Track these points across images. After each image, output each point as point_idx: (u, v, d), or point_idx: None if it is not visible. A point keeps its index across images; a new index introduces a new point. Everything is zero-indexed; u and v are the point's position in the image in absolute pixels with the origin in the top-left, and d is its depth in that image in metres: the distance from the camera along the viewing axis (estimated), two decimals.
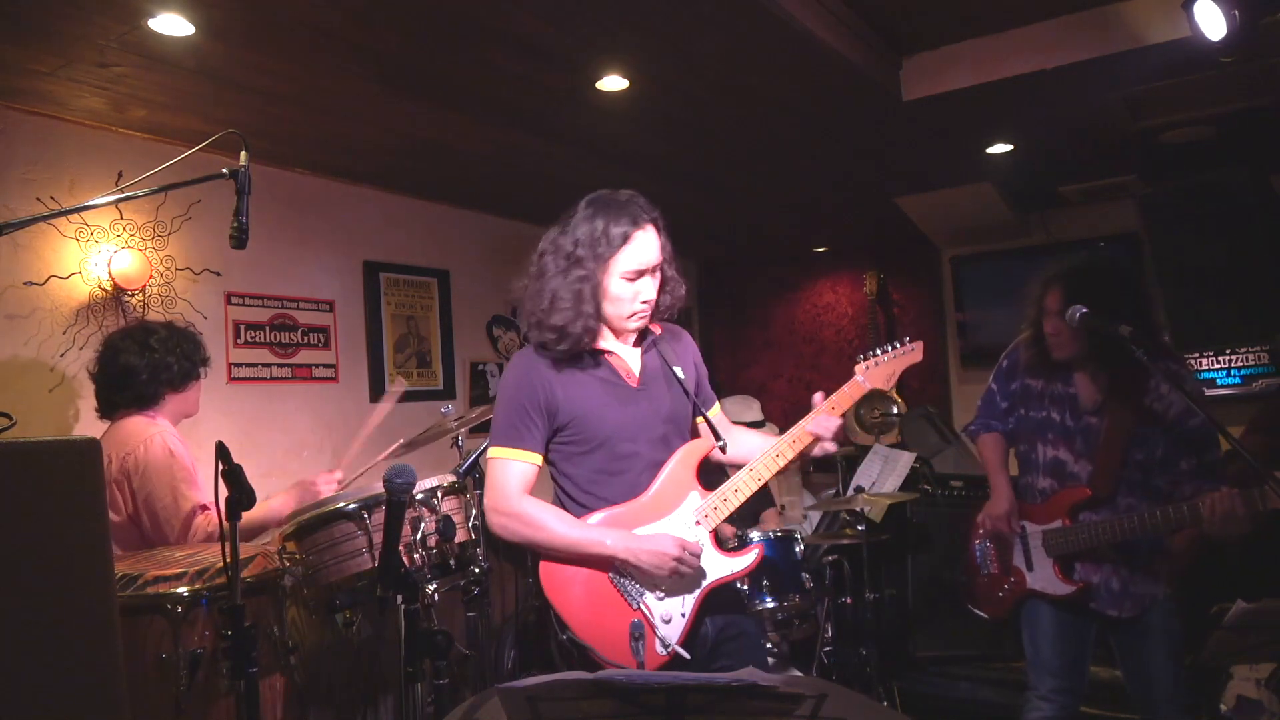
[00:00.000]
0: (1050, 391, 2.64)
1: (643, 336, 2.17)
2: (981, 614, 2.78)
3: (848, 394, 2.14)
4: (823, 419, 2.06)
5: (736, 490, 2.05)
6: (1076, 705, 2.59)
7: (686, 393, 2.15)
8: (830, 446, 2.09)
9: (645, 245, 2.04)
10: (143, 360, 2.73)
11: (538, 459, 2.05)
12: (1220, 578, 3.04)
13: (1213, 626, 1.89)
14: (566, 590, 1.99)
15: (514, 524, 2.01)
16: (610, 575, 1.98)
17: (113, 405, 2.77)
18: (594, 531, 1.98)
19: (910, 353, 2.21)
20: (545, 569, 2.02)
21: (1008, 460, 2.80)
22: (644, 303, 2.05)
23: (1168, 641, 2.48)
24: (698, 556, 1.98)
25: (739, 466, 2.11)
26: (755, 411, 4.59)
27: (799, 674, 3.47)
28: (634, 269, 2.03)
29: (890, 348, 2.22)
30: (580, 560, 1.99)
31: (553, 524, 1.99)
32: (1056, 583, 2.55)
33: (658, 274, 2.08)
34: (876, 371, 2.19)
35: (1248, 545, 3.20)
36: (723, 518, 2.05)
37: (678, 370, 2.15)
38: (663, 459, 2.07)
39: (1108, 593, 2.52)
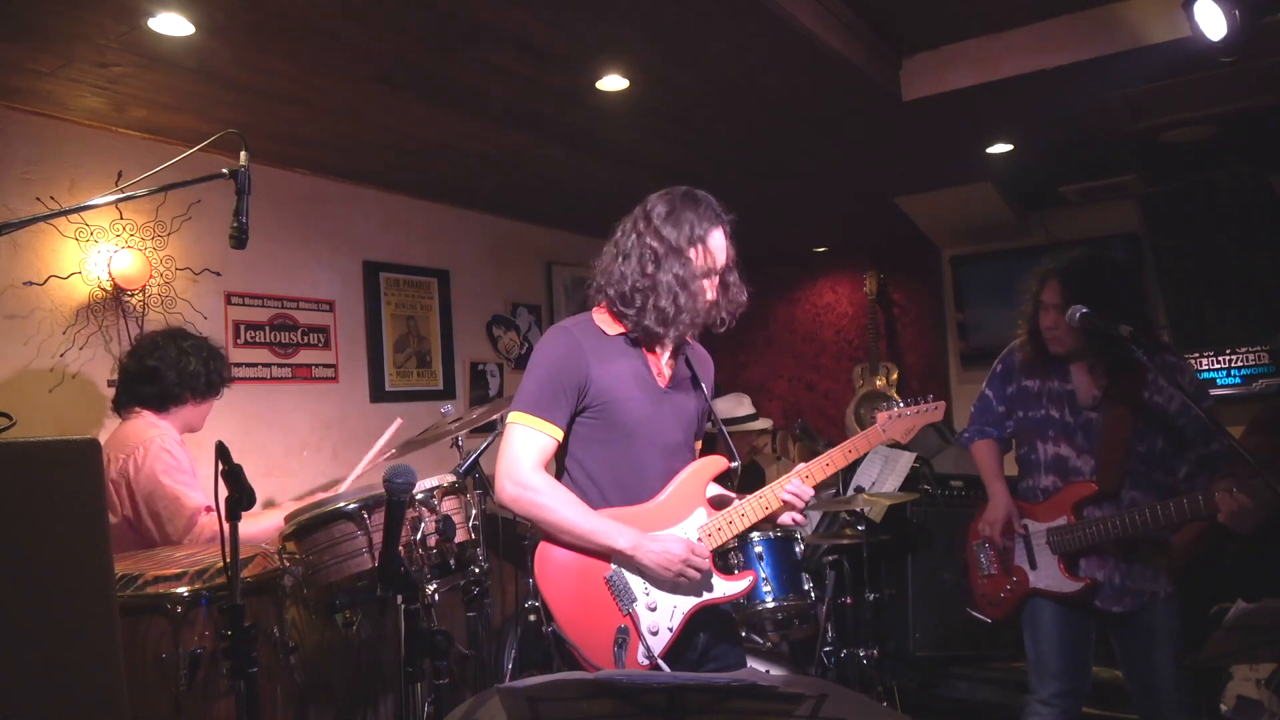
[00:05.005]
0: (1047, 390, 2.64)
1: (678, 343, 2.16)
2: (983, 617, 2.76)
3: (865, 440, 2.15)
4: (796, 484, 2.04)
5: (743, 515, 2.03)
6: (1078, 709, 2.57)
7: (708, 402, 2.16)
8: (799, 517, 2.08)
9: (719, 246, 2.07)
10: (177, 362, 2.79)
11: (559, 434, 2.00)
12: (1220, 578, 3.04)
13: (1213, 626, 1.89)
14: (559, 582, 1.97)
15: (525, 496, 1.96)
16: (605, 576, 1.97)
17: (132, 397, 2.81)
18: (607, 525, 1.95)
19: (932, 411, 2.25)
20: (541, 555, 1.99)
21: (1003, 466, 2.79)
22: (705, 303, 2.05)
23: (1171, 642, 2.47)
24: (706, 566, 1.97)
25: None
26: (746, 406, 4.58)
27: (799, 674, 3.47)
28: (705, 270, 2.04)
29: (914, 402, 2.24)
30: (582, 549, 1.97)
31: (565, 507, 1.96)
32: (1062, 580, 2.54)
33: (719, 278, 2.08)
34: (898, 423, 2.21)
35: (1248, 545, 3.21)
36: (725, 539, 2.02)
37: (703, 384, 2.16)
38: (674, 464, 2.07)
39: (1111, 588, 2.52)
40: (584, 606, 1.95)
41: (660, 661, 1.92)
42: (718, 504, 2.09)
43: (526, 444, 1.99)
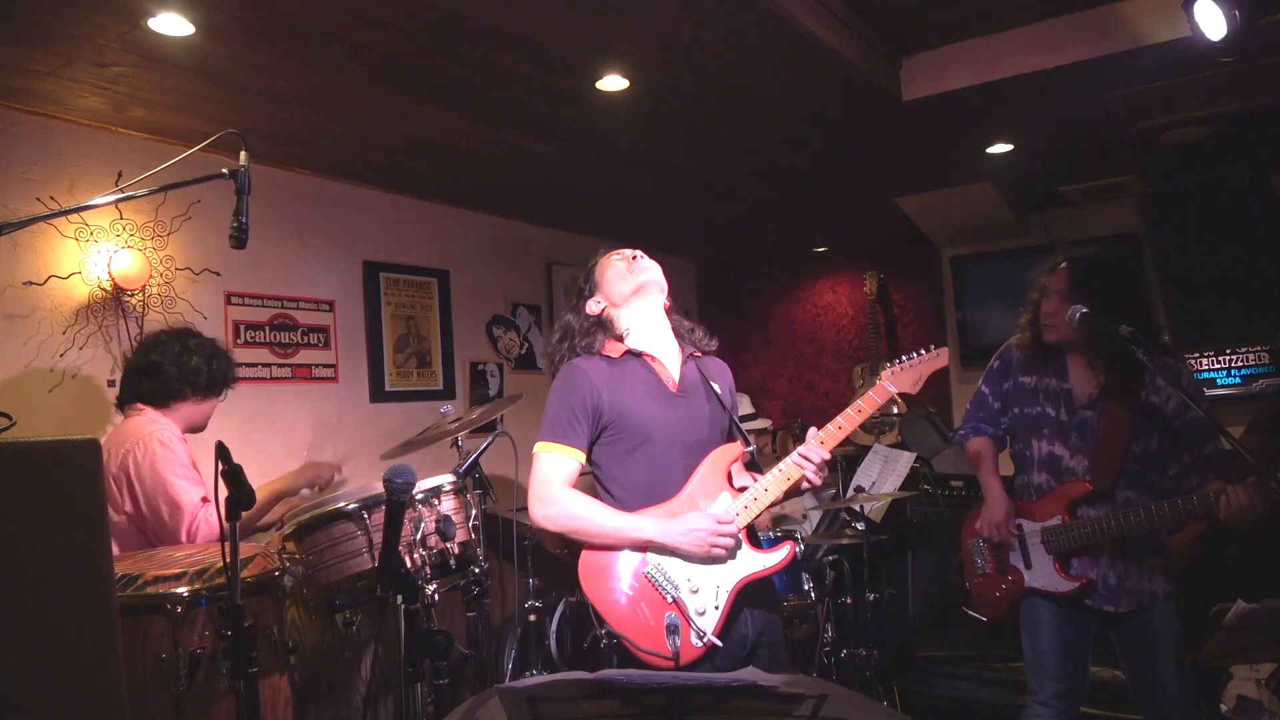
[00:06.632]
0: (1044, 387, 2.64)
1: (684, 349, 2.28)
2: (979, 616, 2.76)
3: (873, 398, 2.19)
4: (813, 448, 2.11)
5: (766, 489, 2.12)
6: (1077, 709, 2.56)
7: (724, 406, 2.24)
8: (815, 480, 2.13)
9: (618, 249, 2.33)
10: (179, 358, 2.81)
11: (581, 456, 2.13)
12: (1220, 578, 3.04)
13: (1213, 626, 1.89)
14: (604, 585, 2.06)
15: (556, 513, 2.08)
16: (646, 570, 2.04)
17: (134, 393, 2.82)
18: (632, 519, 2.07)
19: (935, 358, 2.27)
20: (584, 564, 2.09)
21: (998, 463, 2.79)
22: (635, 259, 2.25)
23: (1170, 641, 2.47)
24: (733, 534, 2.05)
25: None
26: (746, 406, 4.59)
27: (799, 674, 3.47)
28: (615, 256, 2.29)
29: (916, 354, 2.26)
30: (619, 548, 2.06)
31: (592, 513, 2.08)
32: (1058, 580, 2.53)
33: (642, 256, 2.29)
34: (904, 376, 2.25)
35: (1247, 545, 3.21)
36: (753, 516, 2.11)
37: (716, 386, 2.24)
38: (697, 460, 2.15)
39: (1105, 588, 2.51)
40: (631, 603, 2.03)
41: (714, 639, 2.00)
42: (741, 488, 2.17)
43: (551, 467, 2.12)
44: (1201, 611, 2.64)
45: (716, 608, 2.03)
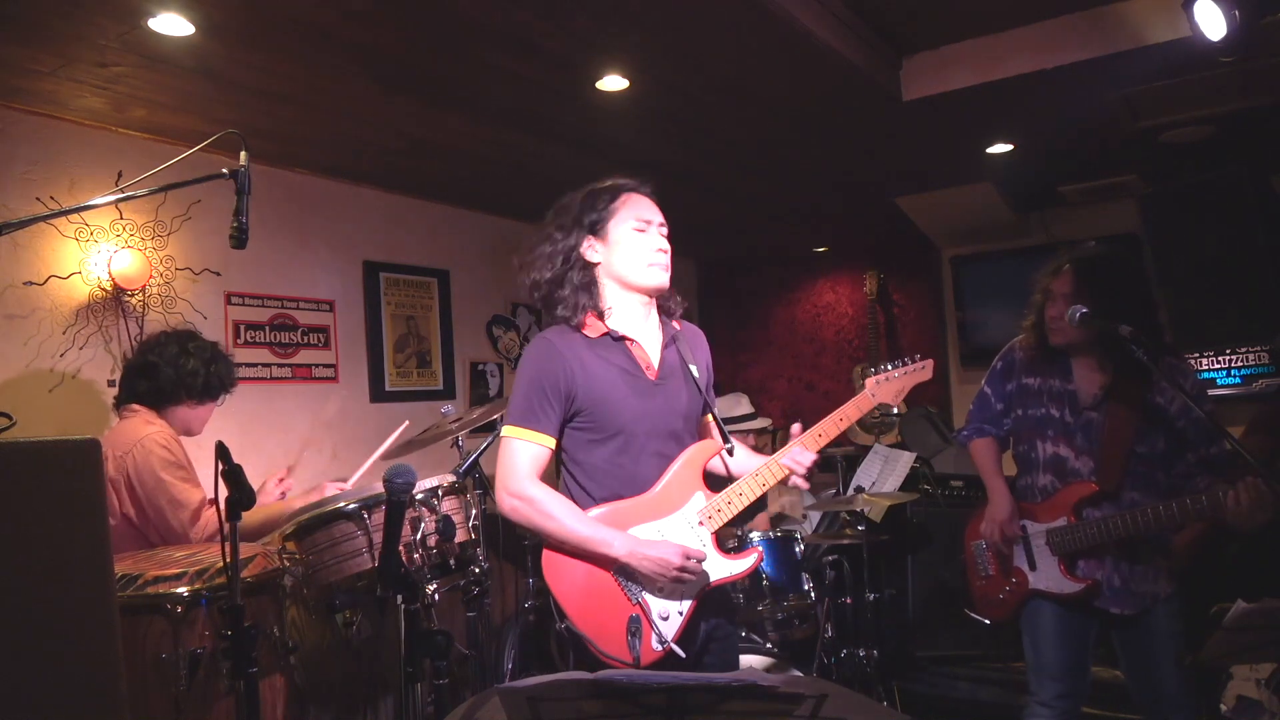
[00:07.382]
0: (1048, 388, 2.63)
1: (666, 328, 2.19)
2: (982, 619, 2.75)
3: (855, 407, 2.16)
4: (797, 452, 2.06)
5: (741, 494, 2.06)
6: (1078, 710, 2.56)
7: (700, 391, 2.17)
8: (801, 483, 2.09)
9: (647, 203, 2.12)
10: (176, 360, 2.80)
11: (551, 442, 2.05)
12: (1220, 578, 3.04)
13: (1213, 626, 1.89)
14: (567, 580, 2.01)
15: (524, 507, 2.01)
16: (611, 569, 2.00)
17: (130, 393, 2.82)
18: (601, 531, 1.99)
19: (920, 370, 2.24)
20: (548, 557, 2.04)
21: (1002, 464, 2.78)
22: (659, 251, 2.08)
23: (1172, 642, 2.46)
24: (701, 564, 1.99)
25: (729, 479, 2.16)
26: (745, 405, 4.58)
27: (799, 674, 3.47)
28: (642, 218, 2.09)
29: (901, 363, 2.23)
30: (583, 555, 2.00)
31: (561, 516, 1.99)
32: (1063, 581, 2.52)
33: (665, 233, 2.12)
34: (887, 386, 2.21)
35: (1247, 545, 3.21)
36: (725, 520, 2.06)
37: (694, 369, 2.16)
38: (672, 453, 2.08)
39: (1110, 590, 2.50)
40: (594, 601, 1.98)
41: (674, 646, 1.96)
42: (716, 487, 2.12)
43: (520, 455, 2.03)
44: (1201, 611, 2.64)
45: (680, 613, 1.99)
